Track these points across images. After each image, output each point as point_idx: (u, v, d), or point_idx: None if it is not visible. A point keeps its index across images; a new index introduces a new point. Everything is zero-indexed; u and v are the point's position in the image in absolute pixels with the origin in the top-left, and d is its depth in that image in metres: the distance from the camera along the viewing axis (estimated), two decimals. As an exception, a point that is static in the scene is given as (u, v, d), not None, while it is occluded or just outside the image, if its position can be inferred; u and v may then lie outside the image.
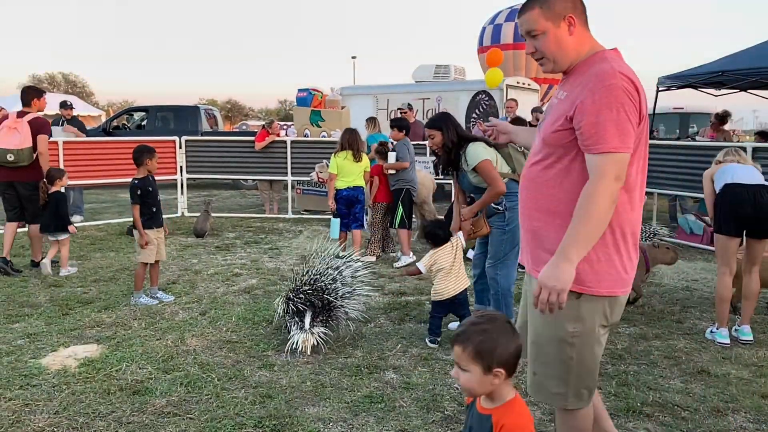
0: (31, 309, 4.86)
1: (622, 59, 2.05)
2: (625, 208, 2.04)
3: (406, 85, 14.69)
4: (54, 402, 3.23)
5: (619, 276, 2.07)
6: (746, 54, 9.38)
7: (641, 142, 2.03)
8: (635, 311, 4.95)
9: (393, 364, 3.80)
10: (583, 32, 2.09)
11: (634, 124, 1.93)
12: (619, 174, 1.93)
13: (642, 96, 1.97)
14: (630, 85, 1.93)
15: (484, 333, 1.70)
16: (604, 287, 2.06)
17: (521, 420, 1.74)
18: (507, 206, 4.00)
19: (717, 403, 3.29)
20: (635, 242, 2.11)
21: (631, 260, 2.10)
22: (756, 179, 4.26)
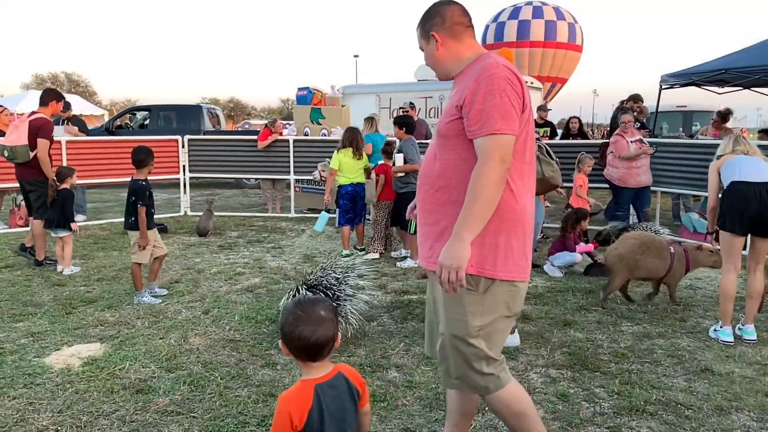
0: (35, 308, 4.87)
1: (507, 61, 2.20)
2: (520, 195, 2.16)
3: (409, 84, 14.67)
4: (58, 401, 3.24)
5: (515, 263, 2.17)
6: (749, 52, 9.35)
7: (527, 136, 2.16)
8: (638, 310, 4.95)
9: (396, 363, 3.80)
10: (459, 44, 2.28)
11: (517, 110, 2.07)
12: (503, 156, 2.04)
13: (525, 88, 2.11)
14: (512, 75, 2.08)
15: (289, 313, 1.84)
16: (503, 273, 2.16)
17: (280, 404, 1.78)
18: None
19: (721, 401, 3.29)
20: (528, 231, 2.20)
21: (527, 247, 2.21)
22: (763, 175, 4.21)
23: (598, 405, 3.26)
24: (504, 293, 2.18)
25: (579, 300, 5.21)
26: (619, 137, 7.54)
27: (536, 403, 3.26)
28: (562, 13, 21.18)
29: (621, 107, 9.86)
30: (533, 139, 2.20)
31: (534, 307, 5.01)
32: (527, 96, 2.12)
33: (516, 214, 2.15)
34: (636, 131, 7.67)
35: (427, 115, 13.89)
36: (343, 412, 1.83)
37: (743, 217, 4.18)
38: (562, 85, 22.37)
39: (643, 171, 7.41)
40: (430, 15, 2.30)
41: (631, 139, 7.44)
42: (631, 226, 6.74)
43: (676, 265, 4.98)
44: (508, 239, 2.15)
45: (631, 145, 7.38)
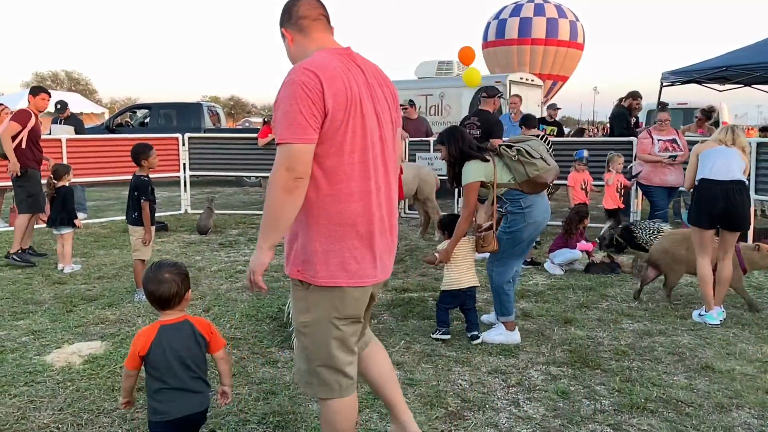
0: (36, 306, 4.87)
1: (341, 56, 2.12)
2: (337, 200, 2.08)
3: (409, 81, 14.66)
4: (58, 399, 3.24)
5: (337, 268, 2.11)
6: (750, 49, 9.34)
7: (351, 135, 2.06)
8: (639, 307, 4.95)
9: (396, 361, 3.80)
10: (305, 38, 2.21)
11: (309, 116, 1.97)
12: (290, 165, 1.99)
13: (328, 90, 2.00)
14: (311, 79, 1.99)
15: (145, 274, 2.40)
16: (322, 278, 2.12)
17: (135, 337, 2.32)
18: (509, 210, 4.07)
19: (721, 399, 3.29)
20: (364, 234, 2.13)
21: (358, 251, 2.13)
22: (732, 173, 4.47)
23: (598, 402, 3.26)
24: (327, 297, 2.15)
25: (579, 297, 5.21)
26: (645, 135, 7.40)
27: (537, 401, 3.26)
28: (564, 11, 21.16)
29: (620, 105, 9.86)
30: (366, 138, 2.11)
31: (534, 304, 5.01)
32: (333, 99, 2.01)
33: (340, 220, 2.10)
34: (672, 130, 7.46)
35: (427, 113, 13.88)
36: (186, 350, 2.30)
37: (710, 214, 4.54)
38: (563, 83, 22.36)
39: (670, 171, 7.18)
40: (282, 12, 2.27)
41: (664, 137, 7.25)
42: (632, 224, 6.73)
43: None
44: (327, 243, 2.10)
45: (656, 144, 7.21)
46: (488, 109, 7.09)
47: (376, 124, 2.15)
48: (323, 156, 2.05)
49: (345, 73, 2.06)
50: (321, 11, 2.24)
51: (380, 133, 2.17)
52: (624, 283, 5.70)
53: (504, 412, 3.15)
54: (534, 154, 4.00)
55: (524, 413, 3.14)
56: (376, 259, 2.18)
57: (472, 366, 3.73)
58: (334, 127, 2.03)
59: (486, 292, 5.34)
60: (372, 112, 2.13)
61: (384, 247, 2.22)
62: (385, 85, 2.26)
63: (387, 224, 2.22)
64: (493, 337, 4.14)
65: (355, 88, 2.07)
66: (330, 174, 2.07)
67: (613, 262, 6.15)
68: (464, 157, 4.10)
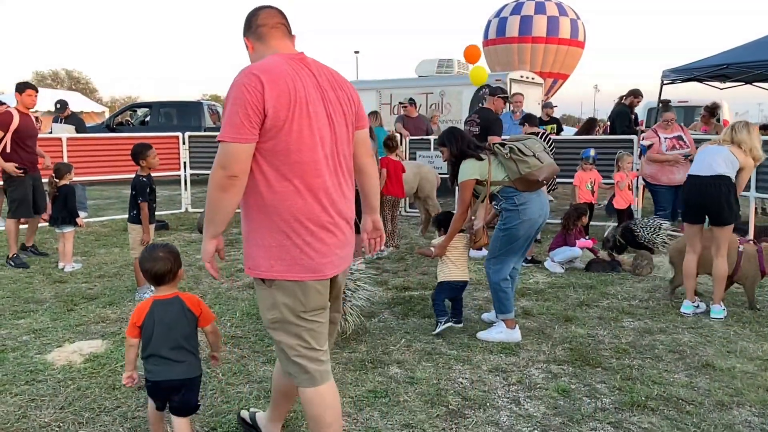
0: (37, 305, 4.87)
1: (292, 60, 2.21)
2: (287, 196, 2.17)
3: (409, 80, 14.65)
4: (59, 397, 3.25)
5: (295, 262, 2.19)
6: (751, 47, 9.33)
7: (297, 135, 2.14)
8: (640, 305, 4.95)
9: (397, 359, 3.80)
10: (263, 45, 2.31)
11: (245, 117, 2.06)
12: (224, 164, 2.08)
13: (269, 91, 2.08)
14: (254, 81, 2.07)
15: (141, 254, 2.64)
16: (279, 273, 2.20)
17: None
18: (504, 207, 4.12)
19: (722, 396, 3.29)
20: (315, 229, 2.21)
21: (311, 246, 2.21)
22: (711, 169, 4.60)
23: (599, 400, 3.26)
24: (289, 292, 2.22)
25: (580, 296, 5.21)
26: (651, 134, 7.40)
27: (537, 399, 3.26)
28: (565, 9, 21.14)
29: (621, 103, 9.86)
30: (314, 137, 2.18)
31: (535, 302, 5.01)
32: (275, 100, 2.08)
33: (290, 216, 2.17)
34: (678, 127, 7.49)
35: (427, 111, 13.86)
36: (175, 323, 2.52)
37: (688, 208, 4.78)
38: (564, 81, 22.34)
39: (678, 169, 7.19)
40: (244, 22, 2.36)
41: (669, 135, 7.27)
42: (632, 223, 6.72)
43: (744, 265, 4.77)
44: (281, 239, 2.18)
45: (663, 143, 7.23)
46: (490, 107, 7.10)
47: (326, 124, 2.23)
48: (270, 154, 2.14)
49: (292, 76, 2.14)
50: (280, 20, 2.34)
51: (331, 133, 2.24)
52: (625, 281, 5.70)
53: (505, 411, 3.15)
54: (526, 152, 4.04)
55: (525, 411, 3.14)
56: (330, 252, 2.26)
57: (473, 364, 3.73)
58: (277, 126, 2.11)
59: (487, 290, 5.34)
60: (322, 113, 2.21)
61: (337, 240, 2.29)
62: (340, 89, 2.32)
63: (340, 218, 2.29)
64: (494, 335, 4.15)
65: (301, 90, 2.14)
66: (278, 171, 2.16)
67: (614, 261, 6.15)
68: (463, 156, 4.21)
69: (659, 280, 5.73)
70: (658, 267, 6.11)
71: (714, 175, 4.58)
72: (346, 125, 2.33)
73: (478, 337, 4.17)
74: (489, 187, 4.10)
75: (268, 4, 2.39)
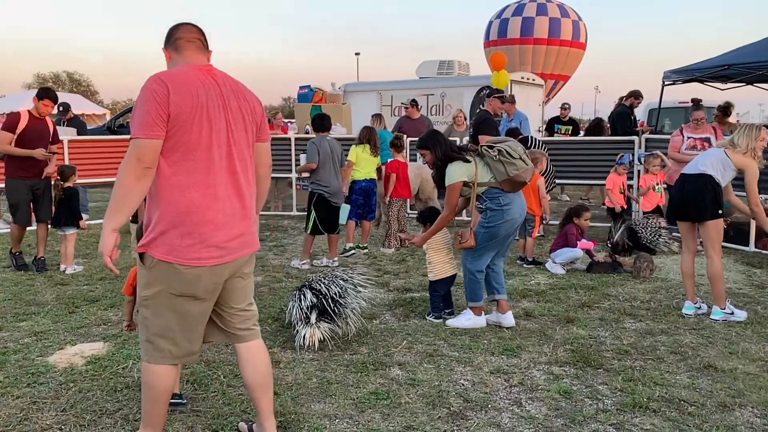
0: (38, 307, 4.88)
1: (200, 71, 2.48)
2: (179, 189, 2.40)
3: (410, 81, 14.67)
4: (61, 400, 3.25)
5: (173, 247, 2.41)
6: (752, 47, 9.33)
7: (196, 135, 2.39)
8: (641, 306, 4.94)
9: (398, 361, 3.80)
10: (179, 56, 2.58)
11: (156, 117, 2.32)
12: (140, 156, 2.32)
13: (174, 96, 2.34)
14: (160, 86, 2.35)
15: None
16: (159, 253, 2.42)
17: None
18: (489, 207, 4.29)
19: (724, 398, 3.28)
20: (202, 221, 2.42)
21: (192, 236, 2.42)
22: (696, 168, 4.65)
23: (601, 402, 3.25)
24: (163, 272, 2.44)
25: (581, 297, 5.21)
26: (677, 133, 7.20)
27: (539, 401, 3.26)
28: (567, 11, 21.12)
29: (620, 104, 9.86)
30: (211, 139, 2.43)
31: (536, 304, 5.00)
32: (177, 103, 2.35)
33: (180, 206, 2.41)
34: (710, 128, 7.15)
35: (428, 113, 13.88)
36: None
37: (671, 207, 4.92)
38: (565, 82, 22.33)
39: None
40: (165, 36, 2.64)
41: (696, 135, 7.00)
42: (633, 224, 6.71)
43: None
44: (170, 226, 2.41)
45: (685, 142, 6.99)
46: (488, 108, 7.11)
47: (224, 128, 2.48)
48: (170, 150, 2.39)
49: (196, 84, 2.42)
50: (197, 36, 2.62)
51: (228, 137, 2.49)
52: (626, 282, 5.69)
53: (506, 412, 3.15)
54: (514, 154, 4.20)
55: (527, 413, 3.14)
56: (214, 244, 2.46)
57: (474, 366, 3.73)
58: (177, 126, 2.36)
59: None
60: (222, 118, 2.47)
61: (226, 235, 2.49)
62: (243, 99, 2.59)
63: (230, 213, 2.50)
64: (463, 322, 4.41)
65: (203, 97, 2.41)
66: (175, 166, 2.40)
67: (615, 261, 6.14)
68: (448, 159, 4.32)
69: (660, 281, 5.72)
70: (660, 268, 6.11)
71: (696, 173, 4.62)
72: (246, 131, 2.58)
73: (447, 324, 4.42)
74: (476, 188, 4.25)
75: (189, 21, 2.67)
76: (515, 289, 5.43)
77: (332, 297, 4.00)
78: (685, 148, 7.00)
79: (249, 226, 2.60)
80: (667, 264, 6.31)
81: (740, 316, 4.59)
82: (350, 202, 6.90)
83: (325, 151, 6.19)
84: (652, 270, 5.91)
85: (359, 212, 6.88)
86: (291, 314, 4.06)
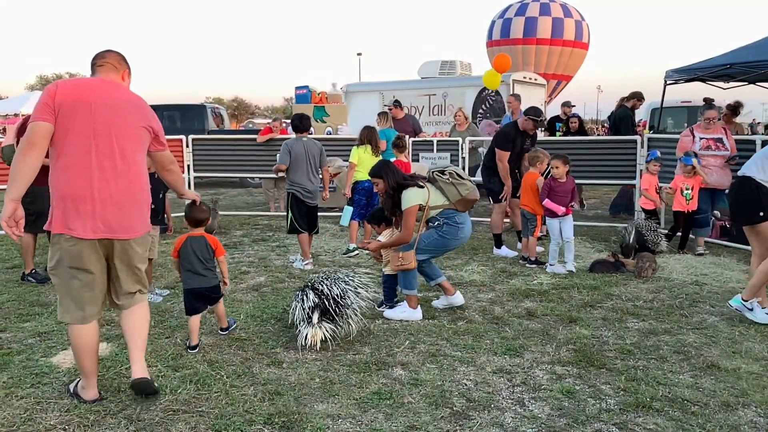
0: (42, 308, 4.89)
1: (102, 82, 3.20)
2: (62, 171, 3.02)
3: (412, 82, 14.66)
4: (65, 400, 3.25)
5: (57, 220, 3.03)
6: (754, 46, 9.30)
7: (75, 128, 3.00)
8: (644, 306, 4.94)
9: (401, 361, 3.80)
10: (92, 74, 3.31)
11: (44, 107, 2.97)
12: (28, 135, 2.95)
13: (59, 95, 3.00)
14: (52, 87, 3.06)
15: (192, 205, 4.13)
16: (55, 228, 3.03)
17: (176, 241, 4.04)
18: (446, 222, 4.68)
19: (727, 397, 3.28)
20: (80, 199, 3.00)
21: (68, 212, 3.01)
22: (742, 171, 4.63)
23: (604, 402, 3.25)
24: (60, 245, 3.03)
25: (584, 297, 5.20)
26: (687, 133, 7.03)
27: (542, 400, 3.26)
28: (570, 10, 21.10)
29: (622, 105, 9.85)
30: (89, 131, 3.02)
31: (539, 304, 5.00)
32: (59, 99, 2.98)
33: (62, 185, 3.01)
34: (720, 128, 6.94)
35: (430, 113, 13.88)
36: (200, 251, 3.97)
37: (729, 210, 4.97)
38: (567, 82, 22.31)
39: (710, 172, 6.72)
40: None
41: (707, 135, 6.81)
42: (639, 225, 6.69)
43: None
44: (59, 204, 3.02)
45: (698, 142, 6.82)
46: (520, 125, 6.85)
47: (107, 125, 3.05)
48: (56, 139, 2.99)
49: (87, 89, 3.09)
50: (108, 60, 3.29)
51: (107, 133, 3.05)
52: (629, 282, 5.69)
53: (509, 412, 3.15)
54: (463, 175, 4.71)
55: (529, 413, 3.14)
56: (92, 220, 3.02)
57: (477, 366, 3.73)
58: (60, 118, 2.97)
59: (491, 292, 5.34)
60: (104, 117, 3.05)
61: (103, 211, 3.03)
62: (134, 107, 3.21)
63: (107, 195, 3.04)
64: (398, 314, 4.59)
65: (90, 98, 3.04)
66: (59, 152, 3.01)
67: (618, 261, 6.14)
68: (400, 187, 4.64)
69: (663, 281, 5.71)
70: (662, 268, 6.10)
71: (741, 176, 4.60)
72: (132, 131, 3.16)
73: (385, 315, 4.60)
74: (428, 212, 4.62)
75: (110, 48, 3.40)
76: (518, 289, 5.42)
77: (334, 297, 4.01)
78: (699, 149, 6.83)
79: (126, 204, 3.18)
80: (669, 264, 6.30)
81: (758, 316, 4.44)
82: (353, 202, 6.90)
83: (298, 152, 6.22)
84: (654, 270, 5.90)
85: (362, 213, 6.87)
86: (293, 314, 4.07)
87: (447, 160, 9.22)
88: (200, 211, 4.02)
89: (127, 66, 3.38)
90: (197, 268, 3.93)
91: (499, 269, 6.16)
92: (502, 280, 5.78)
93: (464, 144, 9.20)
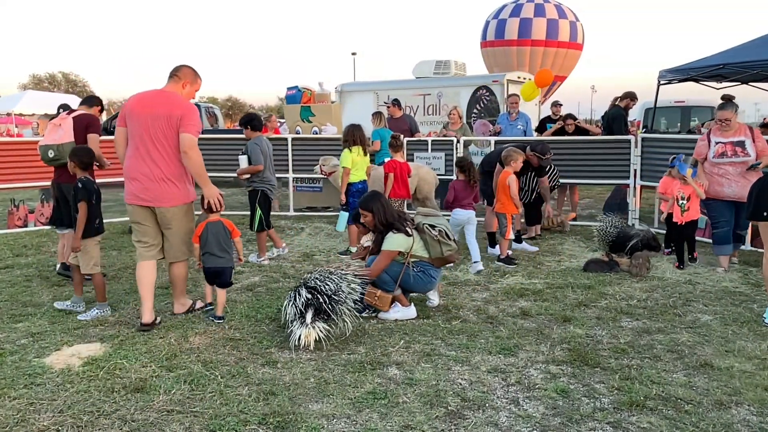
0: (35, 308, 4.87)
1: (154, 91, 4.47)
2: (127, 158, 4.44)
3: (407, 81, 14.67)
4: (58, 401, 3.24)
5: (127, 191, 4.43)
6: (747, 47, 9.36)
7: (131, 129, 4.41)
8: (638, 305, 4.95)
9: (396, 360, 3.80)
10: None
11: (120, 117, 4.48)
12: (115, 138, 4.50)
13: (126, 106, 4.44)
14: (126, 101, 4.39)
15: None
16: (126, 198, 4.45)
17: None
18: (417, 270, 4.68)
19: (720, 396, 3.29)
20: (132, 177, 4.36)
21: (130, 185, 4.40)
22: None
23: (598, 400, 3.26)
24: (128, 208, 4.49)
25: (578, 296, 5.22)
26: (703, 138, 6.19)
27: (536, 399, 3.26)
28: (564, 12, 21.13)
29: (615, 105, 9.88)
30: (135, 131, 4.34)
31: (533, 303, 5.01)
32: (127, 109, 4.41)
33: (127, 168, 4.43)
34: (744, 128, 5.98)
35: (425, 112, 13.90)
36: (218, 233, 4.54)
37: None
38: (561, 82, 22.36)
39: (728, 183, 5.85)
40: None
41: (725, 139, 5.88)
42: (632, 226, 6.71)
43: None
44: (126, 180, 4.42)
45: (713, 148, 5.94)
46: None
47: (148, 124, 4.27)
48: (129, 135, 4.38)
49: (138, 100, 4.38)
50: (174, 72, 4.52)
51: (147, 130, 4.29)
52: (623, 281, 5.70)
53: (504, 411, 3.15)
54: (450, 235, 4.74)
55: (524, 412, 3.14)
56: (137, 191, 4.36)
57: (472, 365, 3.73)
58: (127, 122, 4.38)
59: (486, 292, 5.35)
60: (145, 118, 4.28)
61: (139, 186, 4.35)
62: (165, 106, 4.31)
63: (142, 174, 4.32)
64: (393, 314, 4.59)
65: (137, 107, 4.33)
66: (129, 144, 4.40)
67: (612, 261, 6.16)
68: (389, 226, 4.63)
69: (657, 280, 5.73)
70: (656, 267, 6.12)
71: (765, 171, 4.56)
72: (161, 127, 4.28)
73: (380, 317, 4.58)
74: (408, 260, 4.61)
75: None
76: (512, 288, 5.43)
77: (328, 294, 4.01)
78: (712, 156, 5.93)
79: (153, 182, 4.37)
80: (663, 263, 6.33)
81: None
82: (348, 206, 6.82)
83: (266, 151, 6.43)
84: (648, 269, 5.92)
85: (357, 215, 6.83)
86: (286, 312, 4.07)
87: (442, 159, 9.21)
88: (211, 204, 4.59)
89: (190, 77, 4.50)
90: (214, 250, 4.49)
91: (493, 269, 6.17)
92: (496, 279, 5.79)
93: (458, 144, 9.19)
